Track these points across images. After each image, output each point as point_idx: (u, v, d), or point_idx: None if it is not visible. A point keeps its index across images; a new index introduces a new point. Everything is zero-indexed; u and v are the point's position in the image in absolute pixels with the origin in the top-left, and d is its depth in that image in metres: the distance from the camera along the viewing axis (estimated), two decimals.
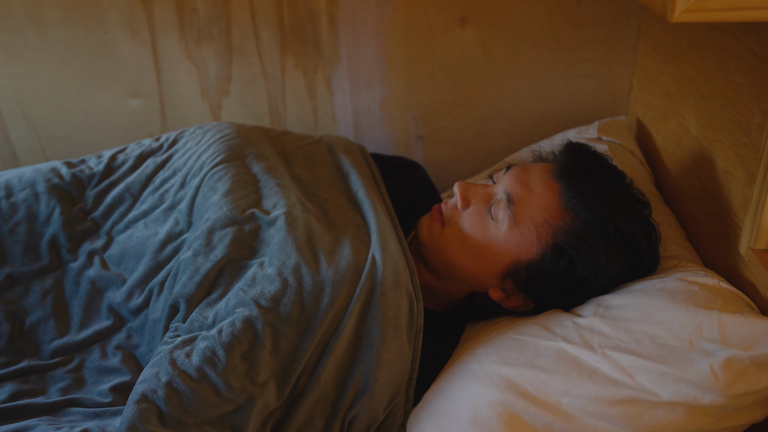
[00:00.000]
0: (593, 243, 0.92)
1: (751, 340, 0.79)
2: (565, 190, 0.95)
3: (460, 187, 1.02)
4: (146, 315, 0.98)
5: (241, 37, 1.43)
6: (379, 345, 0.86)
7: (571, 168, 0.98)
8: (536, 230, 0.95)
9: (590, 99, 1.49)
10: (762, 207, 0.85)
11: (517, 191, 0.97)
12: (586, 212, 0.93)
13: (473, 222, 0.99)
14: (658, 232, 0.99)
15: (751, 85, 0.90)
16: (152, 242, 1.03)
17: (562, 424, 0.82)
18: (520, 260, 0.96)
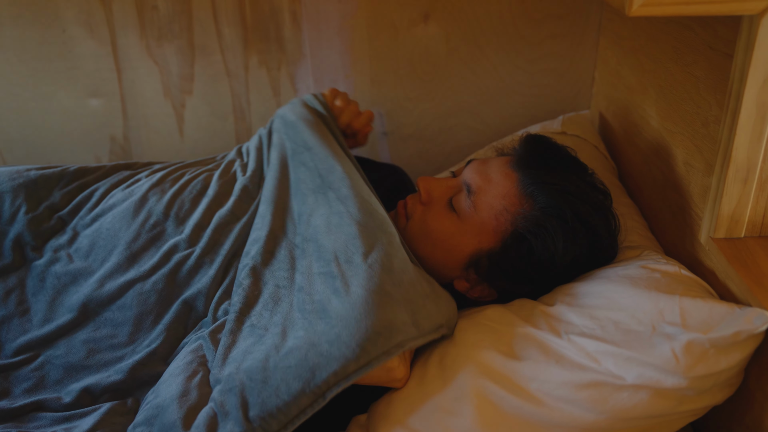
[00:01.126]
0: (551, 228, 0.94)
1: (710, 323, 0.81)
2: (523, 178, 0.98)
3: (422, 181, 1.05)
4: (121, 307, 0.97)
5: (203, 35, 1.42)
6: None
7: (529, 157, 1.00)
8: (496, 218, 0.97)
9: (553, 93, 1.51)
10: (720, 197, 0.87)
11: (477, 181, 1.00)
12: (543, 198, 0.95)
13: (435, 214, 1.02)
14: (617, 220, 1.01)
15: (708, 77, 0.91)
16: (125, 233, 1.02)
17: (530, 408, 0.83)
18: (481, 249, 0.98)
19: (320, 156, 1.08)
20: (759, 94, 0.80)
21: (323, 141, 1.11)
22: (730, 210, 0.88)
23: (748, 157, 0.84)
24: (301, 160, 1.09)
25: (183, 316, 0.97)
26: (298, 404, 0.78)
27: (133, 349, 0.95)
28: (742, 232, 0.90)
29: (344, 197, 1.00)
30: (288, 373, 0.79)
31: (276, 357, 0.81)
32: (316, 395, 0.79)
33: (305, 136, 1.12)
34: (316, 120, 1.15)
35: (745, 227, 0.89)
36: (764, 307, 0.79)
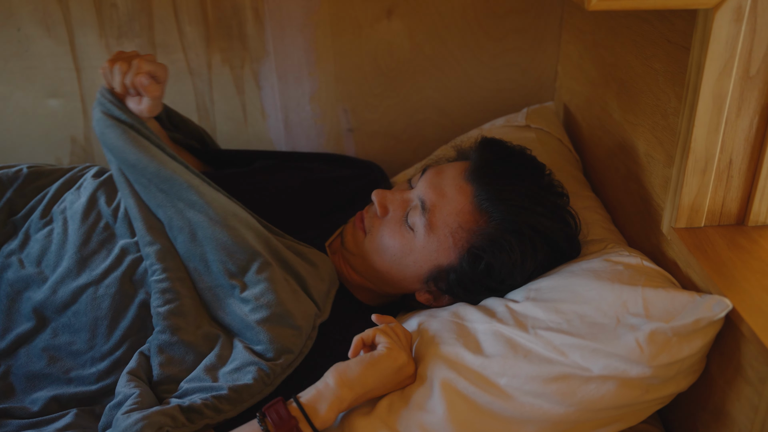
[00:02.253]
0: (508, 245, 0.94)
1: (672, 312, 0.82)
2: (478, 192, 0.97)
3: (377, 196, 1.02)
4: (76, 313, 0.95)
5: (164, 33, 1.40)
6: None
7: (484, 168, 0.99)
8: (452, 235, 0.97)
9: (517, 87, 1.52)
10: (681, 187, 0.89)
11: (431, 197, 0.98)
12: (499, 214, 0.95)
13: (392, 230, 1.00)
14: (577, 221, 1.02)
15: (667, 70, 0.93)
16: (75, 237, 1.00)
17: (501, 403, 0.83)
18: (440, 265, 0.98)
19: (149, 171, 0.97)
20: (715, 85, 0.81)
21: (143, 154, 0.97)
22: (690, 200, 0.90)
23: (706, 148, 0.86)
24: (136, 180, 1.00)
25: (142, 319, 0.95)
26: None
27: (93, 356, 0.94)
28: (702, 221, 0.91)
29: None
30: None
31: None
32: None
33: (124, 155, 0.98)
34: (121, 131, 0.98)
35: (704, 217, 0.91)
36: (724, 294, 0.80)
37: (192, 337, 0.92)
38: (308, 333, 0.93)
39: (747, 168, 0.88)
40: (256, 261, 0.94)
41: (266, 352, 0.89)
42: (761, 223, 0.91)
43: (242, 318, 0.92)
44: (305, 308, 0.94)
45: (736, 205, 0.91)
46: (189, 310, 0.93)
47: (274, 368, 0.88)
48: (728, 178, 0.89)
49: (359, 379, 0.84)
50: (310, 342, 0.93)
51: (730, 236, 0.90)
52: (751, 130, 0.85)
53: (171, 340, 0.91)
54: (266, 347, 0.89)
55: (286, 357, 0.89)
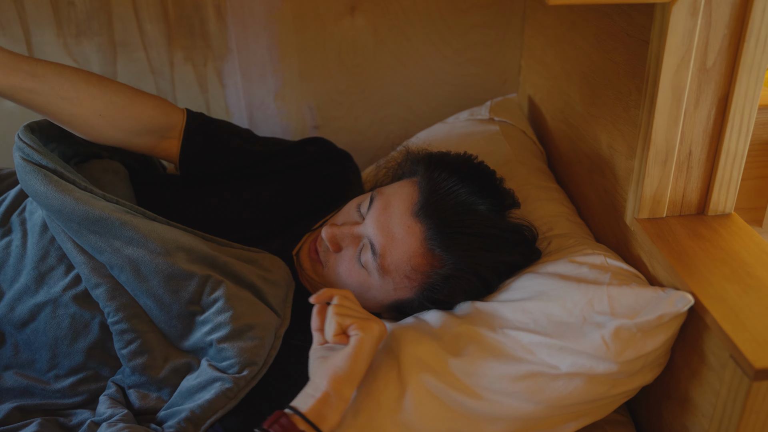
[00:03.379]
0: (466, 281, 0.94)
1: (636, 308, 0.83)
2: (429, 234, 0.93)
3: (327, 235, 0.98)
4: (35, 331, 0.93)
5: (124, 32, 1.37)
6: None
7: (432, 204, 0.95)
8: (407, 278, 0.95)
9: (482, 81, 1.53)
10: (642, 179, 0.90)
11: (380, 241, 0.95)
12: (453, 259, 0.93)
13: (347, 269, 0.98)
14: (531, 229, 1.02)
15: (627, 63, 0.94)
16: (33, 251, 0.97)
17: (471, 402, 0.84)
18: (399, 299, 0.98)
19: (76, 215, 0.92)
20: (674, 78, 0.83)
21: (67, 198, 0.92)
22: (652, 191, 0.91)
23: (666, 140, 0.87)
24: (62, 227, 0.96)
25: (104, 338, 0.93)
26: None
27: (57, 374, 0.93)
28: (664, 212, 0.92)
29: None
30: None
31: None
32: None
33: (48, 201, 0.93)
34: (42, 176, 0.93)
35: (666, 207, 0.92)
36: (686, 283, 0.82)
37: (161, 371, 0.91)
38: (270, 343, 0.92)
39: (706, 158, 0.90)
40: (207, 282, 0.92)
41: (230, 368, 0.88)
42: (720, 212, 0.93)
43: (204, 340, 0.91)
44: (265, 318, 0.93)
45: (696, 195, 0.92)
46: (153, 345, 0.91)
47: (237, 382, 0.87)
48: (688, 169, 0.90)
49: (353, 371, 0.82)
50: (273, 351, 0.92)
51: (691, 226, 0.91)
52: (709, 121, 0.87)
53: (141, 380, 0.90)
54: (230, 363, 0.88)
55: (250, 369, 0.88)
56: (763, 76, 0.83)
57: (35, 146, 0.96)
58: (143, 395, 0.90)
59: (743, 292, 0.79)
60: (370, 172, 1.37)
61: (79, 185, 0.95)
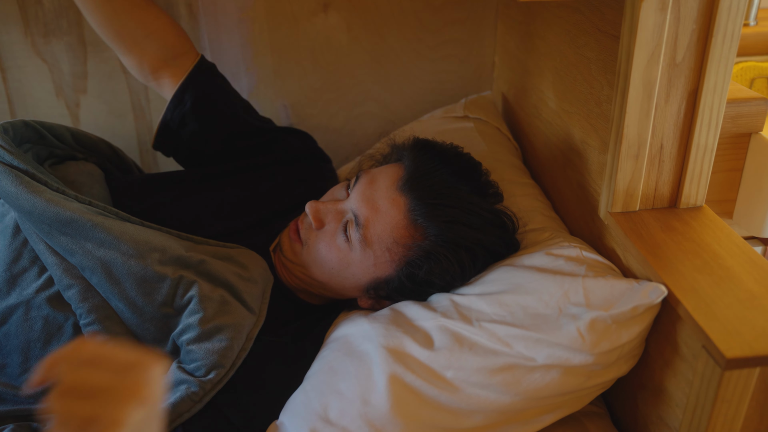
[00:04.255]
0: (445, 259, 0.94)
1: (611, 300, 0.84)
2: (412, 206, 0.95)
3: (310, 209, 0.99)
4: (7, 335, 0.91)
5: (93, 31, 1.35)
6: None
7: (417, 178, 0.97)
8: (388, 251, 0.96)
9: (456, 78, 1.53)
10: (615, 173, 0.91)
11: (364, 212, 0.96)
12: (434, 230, 0.94)
13: (327, 245, 0.98)
14: (514, 220, 1.03)
15: (599, 59, 0.95)
16: (5, 253, 0.95)
17: (448, 396, 0.84)
18: (378, 277, 0.98)
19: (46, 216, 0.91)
20: (644, 72, 0.83)
21: (38, 200, 0.91)
22: (625, 185, 0.92)
23: (638, 134, 0.88)
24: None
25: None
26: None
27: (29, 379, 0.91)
28: (637, 205, 0.94)
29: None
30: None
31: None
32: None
33: (19, 203, 0.92)
34: (14, 177, 0.92)
35: (639, 201, 0.93)
36: (659, 275, 0.83)
37: None
38: (241, 344, 0.91)
39: (677, 152, 0.91)
40: (180, 284, 0.91)
41: (197, 370, 0.87)
42: (692, 204, 0.94)
43: (175, 342, 0.90)
44: (236, 319, 0.92)
45: (668, 189, 0.94)
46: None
47: (203, 385, 0.86)
48: (660, 163, 0.91)
49: None
50: (243, 353, 0.91)
51: (664, 219, 0.92)
52: (680, 115, 0.88)
53: None
54: (197, 365, 0.87)
55: (217, 372, 0.87)
56: (731, 71, 0.85)
57: (7, 147, 0.95)
58: None
59: (715, 284, 0.80)
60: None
61: (51, 186, 0.93)
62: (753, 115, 1.07)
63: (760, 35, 1.38)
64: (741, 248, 0.86)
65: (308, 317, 1.04)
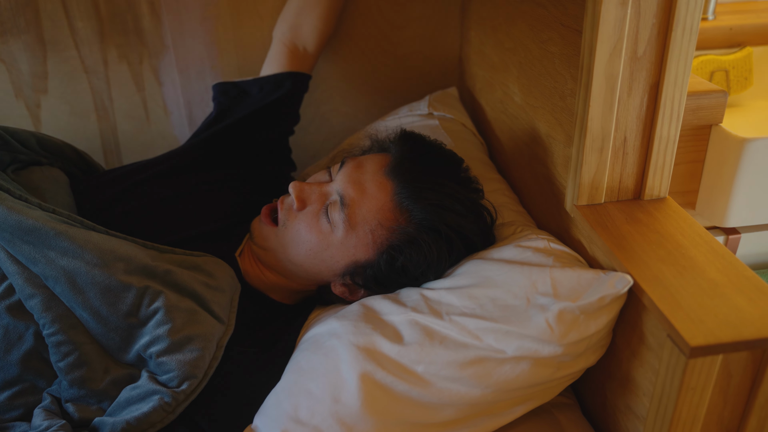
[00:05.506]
0: (426, 245, 0.95)
1: (579, 290, 0.85)
2: (399, 190, 0.96)
3: (294, 189, 1.00)
4: None
5: (53, 29, 1.33)
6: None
7: (404, 164, 0.99)
8: (371, 232, 0.96)
9: (421, 74, 1.53)
10: (580, 166, 0.92)
11: (350, 193, 0.97)
12: (419, 213, 0.95)
13: (309, 224, 0.99)
14: (492, 214, 1.04)
15: (562, 53, 0.96)
16: None
17: (419, 390, 0.84)
18: (357, 261, 0.98)
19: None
20: (607, 66, 0.84)
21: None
22: (590, 178, 0.93)
23: (602, 127, 0.89)
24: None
25: (39, 349, 0.90)
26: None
27: None
28: (602, 198, 0.95)
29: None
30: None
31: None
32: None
33: None
34: None
35: (604, 193, 0.94)
36: (625, 266, 0.84)
37: (101, 384, 0.88)
38: (212, 353, 0.90)
39: (640, 144, 0.92)
40: (145, 294, 0.90)
41: (170, 381, 0.87)
42: (655, 196, 0.95)
43: (144, 353, 0.89)
44: (206, 329, 0.91)
45: (632, 181, 0.95)
46: (92, 357, 0.89)
47: (176, 396, 0.85)
48: (624, 155, 0.92)
49: None
50: (215, 362, 0.90)
51: (629, 210, 0.94)
52: (642, 108, 0.89)
53: (80, 393, 0.88)
54: (170, 376, 0.87)
55: (189, 383, 0.87)
56: (691, 64, 0.86)
57: None
58: (82, 407, 0.88)
59: (678, 273, 0.82)
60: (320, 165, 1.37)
61: (14, 194, 0.91)
62: (713, 107, 1.09)
63: (719, 29, 1.40)
64: (703, 238, 0.87)
65: (280, 321, 1.04)
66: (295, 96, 1.30)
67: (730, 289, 0.78)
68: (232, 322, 0.96)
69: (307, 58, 1.35)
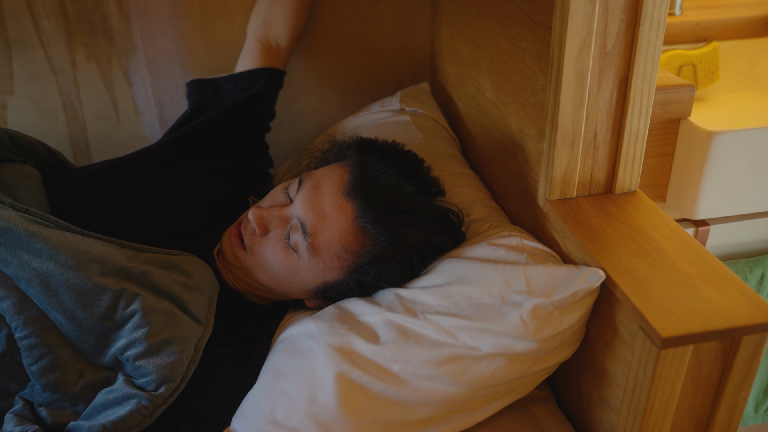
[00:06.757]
0: (394, 262, 0.95)
1: (552, 286, 0.86)
2: (360, 213, 0.94)
3: (254, 217, 0.97)
4: None
5: (18, 29, 1.31)
6: None
7: (363, 184, 0.96)
8: (337, 257, 0.95)
9: (394, 71, 1.53)
10: (552, 161, 0.92)
11: (311, 220, 0.94)
12: (383, 236, 0.94)
13: (273, 252, 0.97)
14: (460, 215, 1.04)
15: (532, 49, 0.96)
16: None
17: (395, 389, 0.84)
18: (327, 282, 0.98)
19: None
20: (576, 62, 0.85)
21: None
22: (562, 172, 0.93)
23: (572, 122, 0.89)
24: None
25: (12, 353, 0.89)
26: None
27: None
28: (574, 192, 0.95)
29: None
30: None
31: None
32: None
33: None
34: None
35: (576, 187, 0.95)
36: (596, 260, 0.85)
37: (75, 387, 0.87)
38: (190, 356, 0.89)
39: (611, 139, 0.93)
40: (121, 296, 0.88)
41: (147, 385, 0.86)
42: (626, 190, 0.96)
43: (120, 356, 0.88)
44: (184, 331, 0.90)
45: (603, 175, 0.96)
46: (66, 360, 0.87)
47: (154, 400, 0.85)
48: (595, 149, 0.93)
49: None
50: (193, 365, 0.90)
51: (600, 204, 0.94)
52: (612, 102, 0.90)
53: (53, 397, 0.86)
54: (147, 380, 0.86)
55: (167, 386, 0.86)
56: (659, 58, 0.87)
57: None
58: (56, 412, 0.86)
59: (649, 266, 0.83)
60: (291, 165, 1.36)
61: None
62: (681, 101, 1.10)
63: (686, 24, 1.42)
64: (674, 231, 0.88)
65: (257, 321, 1.03)
66: (269, 92, 1.30)
67: (699, 280, 0.79)
68: (211, 323, 0.95)
69: (281, 53, 1.34)
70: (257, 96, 1.26)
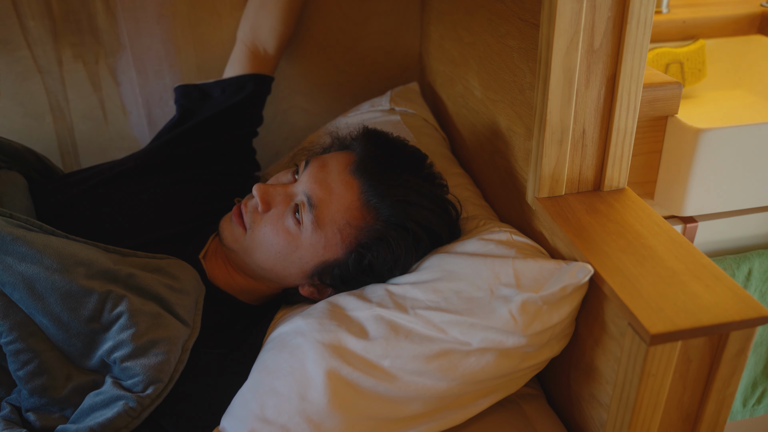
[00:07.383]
0: (394, 242, 0.95)
1: (541, 281, 0.86)
2: (365, 188, 0.96)
3: (258, 191, 0.98)
4: None
5: (3, 29, 1.30)
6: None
7: (369, 162, 0.98)
8: (339, 232, 0.96)
9: (382, 70, 1.53)
10: (541, 159, 0.93)
11: (317, 193, 0.96)
12: (386, 211, 0.95)
13: (276, 226, 0.97)
14: (458, 208, 1.05)
15: (520, 47, 0.96)
16: None
17: (385, 385, 0.84)
18: (326, 261, 0.98)
19: None
20: (564, 59, 0.85)
21: None
22: (551, 170, 0.94)
23: (561, 120, 0.90)
24: None
25: None
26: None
27: None
28: (563, 189, 0.96)
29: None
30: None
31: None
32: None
33: None
34: None
35: (564, 185, 0.95)
36: (586, 257, 0.85)
37: (63, 391, 0.86)
38: (177, 357, 0.89)
39: (599, 136, 0.93)
40: (108, 298, 0.88)
41: (134, 386, 0.85)
42: (615, 187, 0.97)
43: (107, 358, 0.87)
44: (171, 332, 0.90)
45: (592, 172, 0.96)
46: (53, 365, 0.87)
47: (141, 401, 0.84)
48: (583, 147, 0.94)
49: None
50: (180, 365, 0.89)
51: (589, 202, 0.95)
52: (600, 100, 0.90)
53: (41, 402, 0.86)
54: (135, 381, 0.85)
55: (155, 387, 0.86)
56: (646, 56, 0.87)
57: None
58: (44, 416, 0.86)
59: (638, 263, 0.83)
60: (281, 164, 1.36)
61: None
62: (668, 99, 1.11)
63: (673, 22, 1.43)
64: (662, 228, 0.89)
65: (246, 321, 1.03)
66: (257, 98, 1.29)
67: (687, 276, 0.80)
68: (198, 325, 0.95)
69: (268, 60, 1.34)
70: (245, 102, 1.26)
